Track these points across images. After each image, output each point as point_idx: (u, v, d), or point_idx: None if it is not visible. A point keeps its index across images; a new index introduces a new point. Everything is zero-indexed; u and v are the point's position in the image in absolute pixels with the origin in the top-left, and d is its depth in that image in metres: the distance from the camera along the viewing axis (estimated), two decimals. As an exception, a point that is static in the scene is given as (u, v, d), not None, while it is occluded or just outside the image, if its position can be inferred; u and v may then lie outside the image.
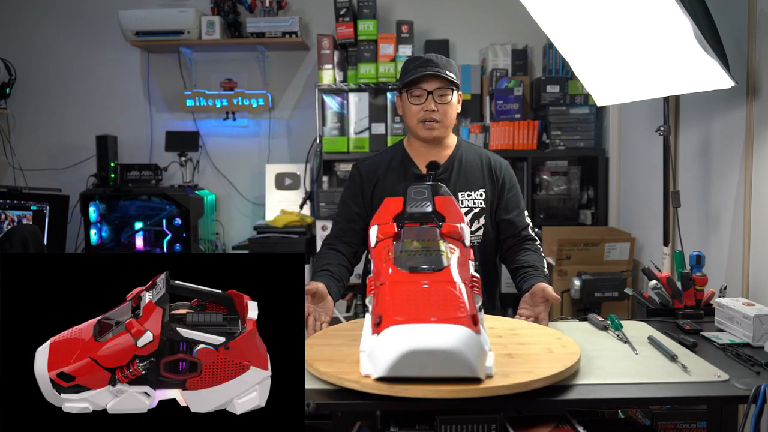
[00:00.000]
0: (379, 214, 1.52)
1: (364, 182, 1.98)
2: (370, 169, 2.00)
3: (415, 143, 1.99)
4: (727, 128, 2.16)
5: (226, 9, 3.73)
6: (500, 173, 1.99)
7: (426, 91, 1.87)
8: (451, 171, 1.95)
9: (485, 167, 1.98)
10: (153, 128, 3.94)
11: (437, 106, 1.88)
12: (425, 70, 1.87)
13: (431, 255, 1.30)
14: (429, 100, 1.88)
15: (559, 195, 3.55)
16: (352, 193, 2.00)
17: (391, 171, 1.98)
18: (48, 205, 3.57)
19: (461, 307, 1.17)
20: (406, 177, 1.95)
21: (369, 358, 1.17)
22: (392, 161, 1.99)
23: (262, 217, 3.79)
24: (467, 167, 1.97)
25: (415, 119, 1.91)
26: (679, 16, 1.69)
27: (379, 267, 1.35)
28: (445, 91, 1.88)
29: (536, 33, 2.63)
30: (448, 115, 1.91)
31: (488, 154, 2.03)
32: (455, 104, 1.93)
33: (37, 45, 3.93)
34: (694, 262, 1.80)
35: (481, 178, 1.96)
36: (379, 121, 3.54)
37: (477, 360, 1.13)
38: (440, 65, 1.88)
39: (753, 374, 1.31)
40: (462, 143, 2.03)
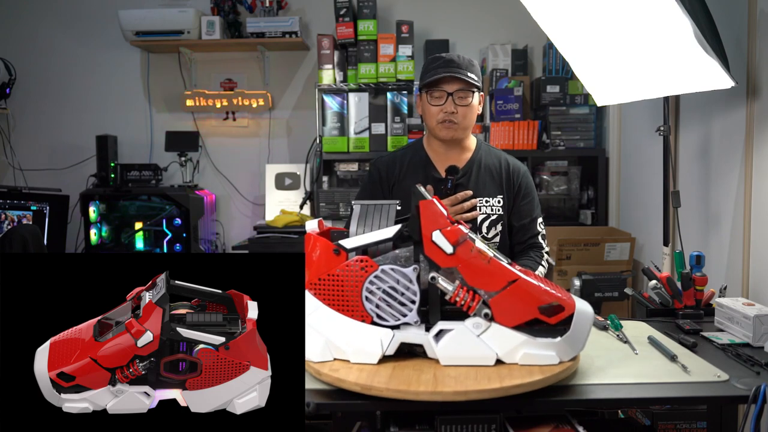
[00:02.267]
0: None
1: (383, 181, 1.97)
2: (390, 168, 1.98)
3: (434, 143, 1.97)
4: (727, 128, 2.16)
5: (226, 9, 3.73)
6: (518, 179, 1.97)
7: (446, 92, 1.85)
8: (469, 176, 1.94)
9: (504, 172, 1.96)
10: (153, 128, 3.94)
11: (457, 108, 1.85)
12: (446, 71, 1.84)
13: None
14: (449, 101, 1.85)
15: (559, 195, 3.55)
16: (371, 192, 1.98)
17: (410, 172, 1.96)
18: (48, 205, 3.57)
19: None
20: (426, 179, 1.93)
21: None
22: (411, 161, 1.97)
23: (262, 217, 3.79)
24: (486, 172, 1.95)
25: (434, 120, 1.89)
26: (679, 16, 1.69)
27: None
28: (465, 93, 1.86)
29: (536, 33, 2.63)
30: (467, 117, 1.89)
31: (507, 158, 2.01)
32: (476, 106, 1.90)
33: (37, 45, 3.93)
34: (694, 262, 1.80)
35: (499, 184, 1.94)
36: (379, 121, 3.54)
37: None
38: (462, 66, 1.85)
39: (753, 374, 1.31)
40: (482, 146, 2.00)
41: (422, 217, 1.25)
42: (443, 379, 1.18)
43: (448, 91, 1.85)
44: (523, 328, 1.23)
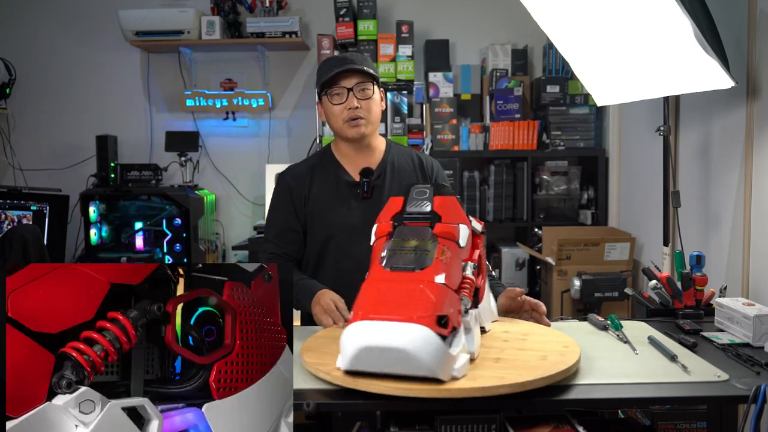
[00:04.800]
0: (382, 212, 1.52)
1: (294, 194, 1.88)
2: (299, 179, 1.89)
3: (343, 147, 1.91)
4: (727, 128, 2.16)
5: (226, 9, 3.73)
6: (432, 173, 1.94)
7: (345, 88, 1.81)
8: (384, 176, 1.89)
9: (417, 168, 1.93)
10: (153, 128, 3.94)
11: (360, 102, 1.81)
12: (341, 67, 1.80)
13: (417, 254, 1.31)
14: (350, 97, 1.81)
15: (559, 195, 3.55)
16: (283, 208, 1.89)
17: (321, 180, 1.89)
18: (48, 205, 3.57)
19: (427, 306, 1.17)
20: (338, 184, 1.87)
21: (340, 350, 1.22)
22: (321, 168, 1.90)
23: (262, 217, 3.79)
24: (400, 170, 1.91)
25: (339, 120, 1.83)
26: (679, 16, 1.69)
27: (371, 264, 1.36)
28: (365, 85, 1.82)
29: (536, 33, 2.63)
30: (372, 110, 1.85)
31: (418, 154, 1.98)
32: (378, 99, 1.87)
33: (37, 45, 3.93)
34: (694, 262, 1.80)
35: (415, 180, 1.89)
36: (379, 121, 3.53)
37: (436, 360, 1.13)
38: (356, 61, 1.82)
39: (753, 374, 1.31)
40: (391, 145, 1.97)
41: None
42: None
43: (347, 86, 1.81)
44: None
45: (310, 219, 1.88)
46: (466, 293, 1.29)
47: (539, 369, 1.22)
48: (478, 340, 1.32)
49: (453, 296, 1.24)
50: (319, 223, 1.87)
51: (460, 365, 1.18)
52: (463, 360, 1.19)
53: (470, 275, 1.34)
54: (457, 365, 1.17)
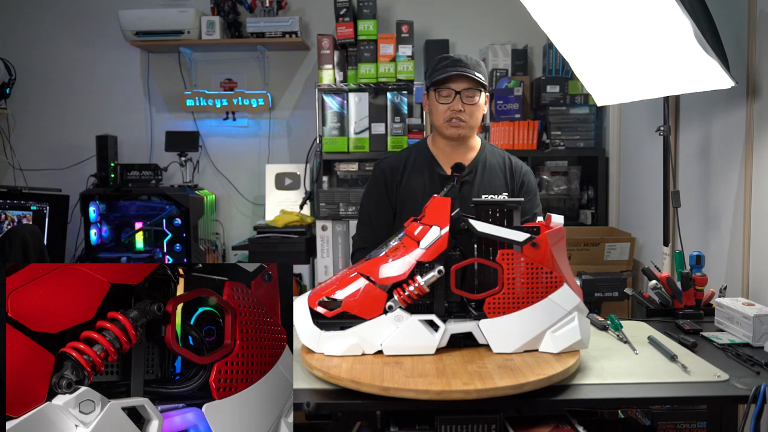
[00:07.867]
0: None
1: (388, 182, 1.99)
2: (394, 169, 2.00)
3: (439, 143, 2.00)
4: (727, 128, 2.16)
5: (226, 9, 3.73)
6: (520, 177, 2.01)
7: (454, 91, 1.88)
8: (475, 173, 1.96)
9: (507, 170, 2.00)
10: (153, 128, 3.94)
11: (464, 107, 1.89)
12: (454, 69, 1.87)
13: (381, 248, 1.41)
14: (456, 100, 1.88)
15: (559, 195, 3.55)
16: (378, 196, 2.00)
17: (415, 170, 1.98)
18: (48, 205, 3.57)
19: (330, 287, 1.35)
20: (431, 177, 1.95)
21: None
22: (416, 161, 2.00)
23: (262, 217, 3.79)
24: (491, 170, 1.98)
25: (441, 118, 1.91)
26: (679, 16, 1.69)
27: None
28: (472, 92, 1.89)
29: (536, 33, 2.63)
30: (474, 116, 1.92)
31: (510, 156, 2.05)
32: (482, 105, 1.94)
33: (37, 45, 3.93)
34: (694, 262, 1.80)
35: (503, 182, 1.98)
36: (379, 121, 3.53)
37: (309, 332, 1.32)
38: (469, 66, 1.88)
39: (753, 374, 1.31)
40: (486, 146, 2.04)
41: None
42: (445, 378, 1.18)
43: (456, 89, 1.88)
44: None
45: (400, 206, 1.98)
46: (397, 291, 1.32)
47: (539, 369, 1.22)
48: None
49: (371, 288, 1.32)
50: (408, 211, 1.93)
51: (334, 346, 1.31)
52: (346, 345, 1.31)
53: (419, 280, 1.32)
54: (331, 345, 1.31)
